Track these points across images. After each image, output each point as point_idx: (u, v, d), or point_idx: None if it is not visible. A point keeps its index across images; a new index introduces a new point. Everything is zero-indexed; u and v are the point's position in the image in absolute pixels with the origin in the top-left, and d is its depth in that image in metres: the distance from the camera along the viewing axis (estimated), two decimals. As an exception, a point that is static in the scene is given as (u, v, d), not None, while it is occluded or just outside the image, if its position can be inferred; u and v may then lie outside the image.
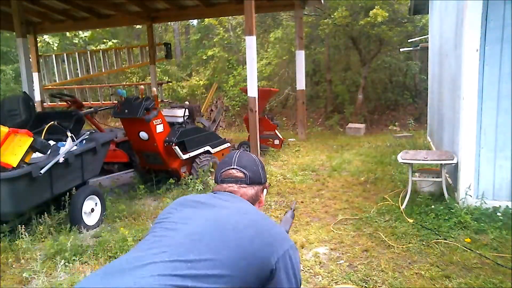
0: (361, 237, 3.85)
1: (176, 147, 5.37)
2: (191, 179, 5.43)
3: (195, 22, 18.64)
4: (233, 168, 1.44)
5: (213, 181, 1.52)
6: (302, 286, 3.11)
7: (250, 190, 1.43)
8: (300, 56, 9.72)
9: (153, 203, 5.28)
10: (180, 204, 1.36)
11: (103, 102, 11.87)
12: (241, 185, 1.42)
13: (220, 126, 8.58)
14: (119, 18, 10.51)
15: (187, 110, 6.00)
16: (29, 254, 3.61)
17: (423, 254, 3.41)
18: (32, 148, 3.79)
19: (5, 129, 3.65)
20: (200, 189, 5.24)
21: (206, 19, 15.97)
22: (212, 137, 6.27)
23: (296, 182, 5.93)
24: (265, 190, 1.52)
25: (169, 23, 18.17)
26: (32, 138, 3.76)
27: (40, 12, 9.92)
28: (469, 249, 3.39)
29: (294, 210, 1.76)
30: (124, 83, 15.64)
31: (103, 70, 11.92)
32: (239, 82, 14.73)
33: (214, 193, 1.41)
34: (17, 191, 3.59)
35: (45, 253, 3.62)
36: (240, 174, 1.43)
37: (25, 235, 3.72)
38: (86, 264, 3.48)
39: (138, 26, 15.70)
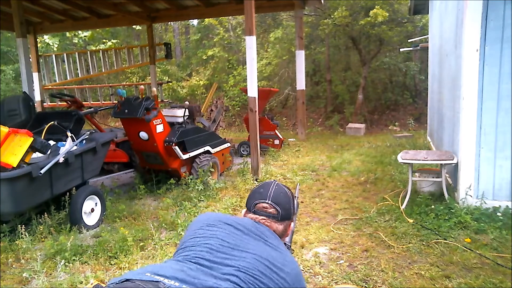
0: (361, 237, 3.85)
1: (176, 147, 5.37)
2: (191, 179, 5.43)
3: (195, 22, 18.64)
4: (267, 203, 1.46)
5: (245, 205, 1.55)
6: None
7: (280, 226, 1.48)
8: (300, 56, 9.72)
9: (153, 203, 5.28)
10: (224, 222, 1.37)
11: (103, 102, 11.88)
12: (273, 221, 1.46)
13: (220, 126, 8.58)
14: (119, 18, 10.50)
15: (187, 110, 6.00)
16: (29, 254, 3.61)
17: (423, 254, 3.41)
18: (32, 148, 3.79)
19: (5, 129, 3.65)
20: (200, 189, 5.24)
21: (206, 19, 15.96)
22: (212, 137, 6.27)
23: (296, 182, 5.92)
24: (292, 224, 1.56)
25: (169, 23, 18.17)
26: (32, 138, 3.76)
27: (40, 12, 9.92)
28: (469, 249, 3.39)
29: (297, 198, 1.74)
30: (124, 83, 15.64)
31: (103, 70, 11.92)
32: (239, 82, 14.73)
33: (256, 223, 1.42)
34: (17, 191, 3.59)
35: (45, 253, 3.62)
36: (273, 210, 1.46)
37: (25, 235, 3.72)
38: (86, 264, 3.48)
39: (138, 27, 15.69)
